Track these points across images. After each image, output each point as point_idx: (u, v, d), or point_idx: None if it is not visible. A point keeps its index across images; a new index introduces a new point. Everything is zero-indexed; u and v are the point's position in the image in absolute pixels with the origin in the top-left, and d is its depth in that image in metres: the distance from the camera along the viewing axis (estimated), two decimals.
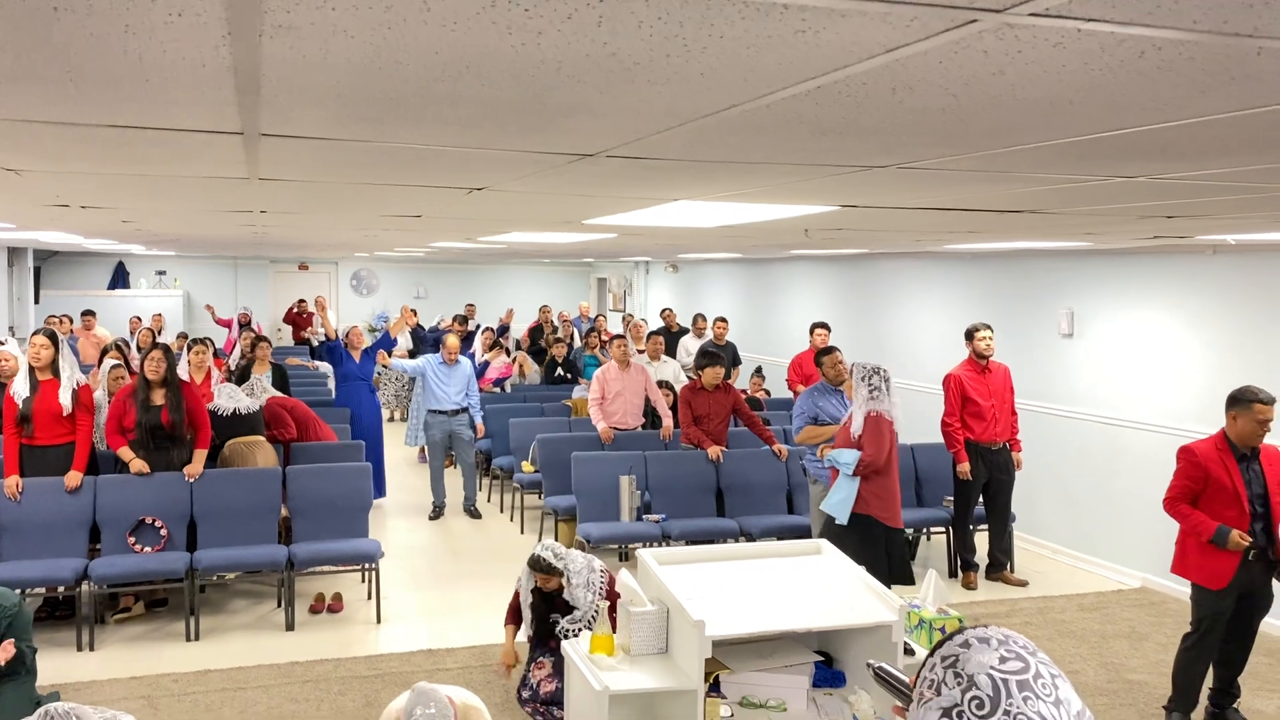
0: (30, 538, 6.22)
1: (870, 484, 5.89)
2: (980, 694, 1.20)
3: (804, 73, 1.47)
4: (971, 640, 1.27)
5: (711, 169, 2.75)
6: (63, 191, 4.03)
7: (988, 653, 1.24)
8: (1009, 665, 1.22)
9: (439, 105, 1.80)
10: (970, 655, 1.24)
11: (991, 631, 1.28)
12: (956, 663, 1.25)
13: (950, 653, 1.27)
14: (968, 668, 1.23)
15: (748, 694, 3.64)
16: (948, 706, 1.22)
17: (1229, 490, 4.81)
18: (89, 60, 1.44)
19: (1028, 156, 2.34)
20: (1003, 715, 1.19)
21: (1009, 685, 1.20)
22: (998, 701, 1.20)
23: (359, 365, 9.68)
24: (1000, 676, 1.21)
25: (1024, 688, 1.20)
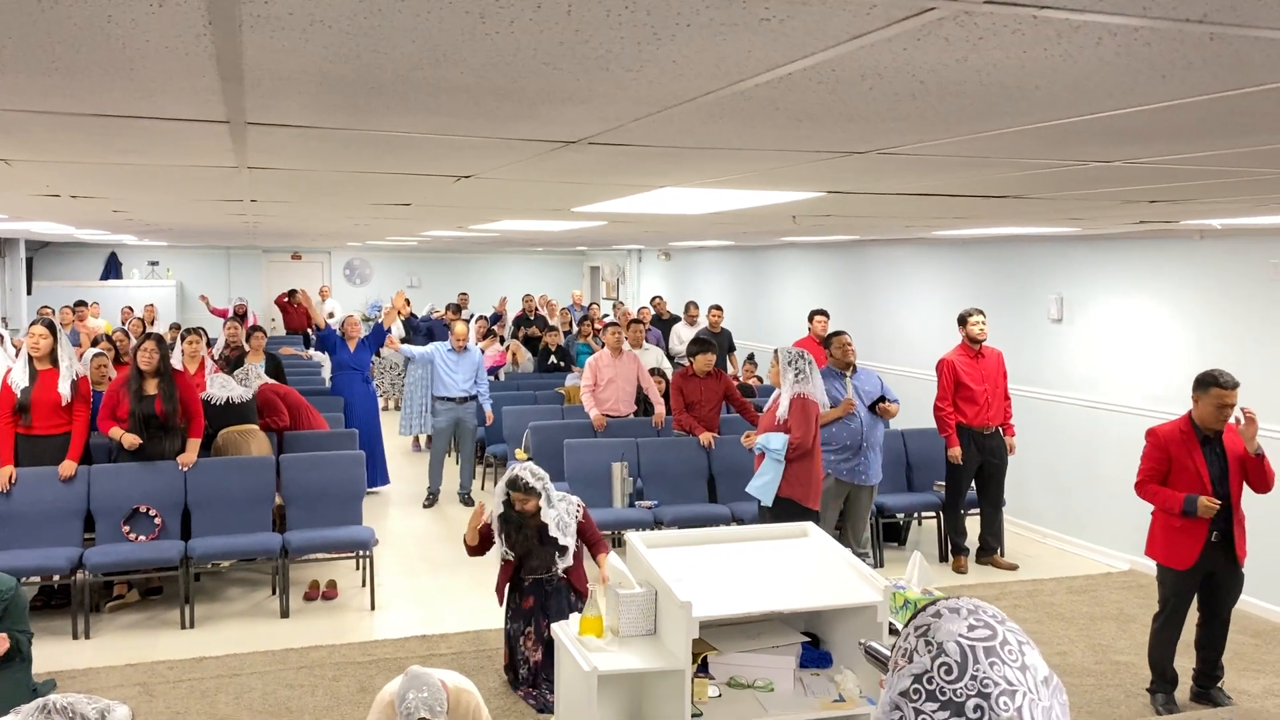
0: (26, 527, 6.25)
1: (794, 467, 6.02)
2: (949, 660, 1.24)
3: (773, 60, 1.50)
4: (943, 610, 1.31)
5: (694, 155, 2.78)
6: (52, 181, 4.05)
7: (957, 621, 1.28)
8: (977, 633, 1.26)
9: (419, 93, 1.83)
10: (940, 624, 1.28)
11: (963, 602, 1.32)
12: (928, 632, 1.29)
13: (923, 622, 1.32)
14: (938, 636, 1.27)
15: (735, 674, 3.69)
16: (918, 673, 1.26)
17: (1190, 471, 4.89)
18: (74, 51, 1.47)
19: (1003, 141, 2.37)
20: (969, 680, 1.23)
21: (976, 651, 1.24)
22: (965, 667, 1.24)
23: (353, 355, 9.69)
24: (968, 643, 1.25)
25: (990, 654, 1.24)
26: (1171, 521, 4.99)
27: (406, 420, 11.53)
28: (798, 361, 6.09)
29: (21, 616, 4.94)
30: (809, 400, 6.03)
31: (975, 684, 1.22)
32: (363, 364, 9.79)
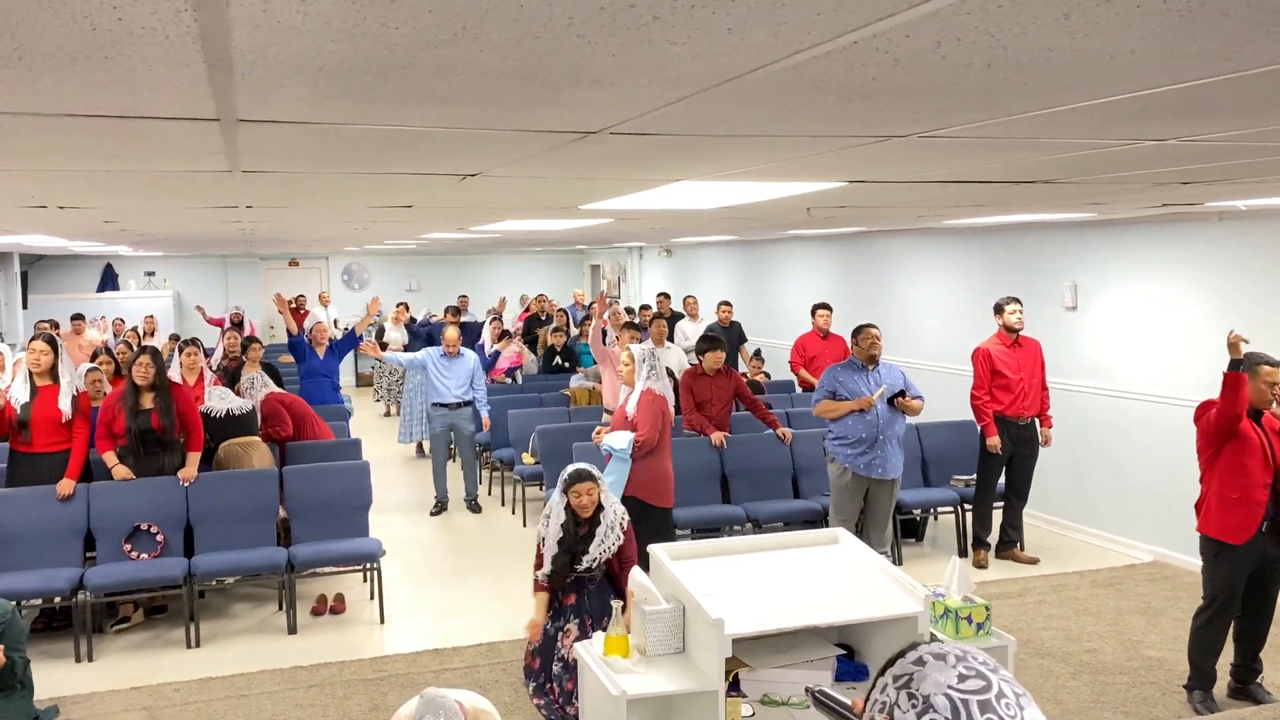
0: (24, 548, 6.09)
1: (639, 466, 5.86)
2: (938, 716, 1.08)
3: (844, 25, 1.32)
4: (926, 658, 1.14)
5: (719, 145, 2.60)
6: (38, 191, 3.87)
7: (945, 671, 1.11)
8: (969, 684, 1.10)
9: (430, 78, 1.64)
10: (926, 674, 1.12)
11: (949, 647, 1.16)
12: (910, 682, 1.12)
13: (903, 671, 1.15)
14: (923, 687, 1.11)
15: (769, 691, 3.52)
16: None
17: (1254, 441, 4.80)
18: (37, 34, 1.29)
19: (1062, 119, 2.20)
20: None
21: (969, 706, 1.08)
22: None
23: (322, 361, 9.58)
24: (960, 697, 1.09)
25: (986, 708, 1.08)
26: (1228, 493, 4.85)
27: (406, 427, 11.36)
28: (650, 358, 6.01)
29: (19, 641, 4.78)
30: (658, 396, 5.90)
31: None
32: (331, 370, 9.68)
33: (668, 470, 6.00)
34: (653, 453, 5.89)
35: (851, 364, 6.74)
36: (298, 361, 9.75)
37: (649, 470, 5.90)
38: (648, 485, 5.91)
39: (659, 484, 5.97)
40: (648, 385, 5.93)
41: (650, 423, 5.83)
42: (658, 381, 5.94)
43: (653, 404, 5.87)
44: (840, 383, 6.64)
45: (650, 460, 5.90)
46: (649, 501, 5.91)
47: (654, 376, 5.94)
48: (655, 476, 5.94)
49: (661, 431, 5.89)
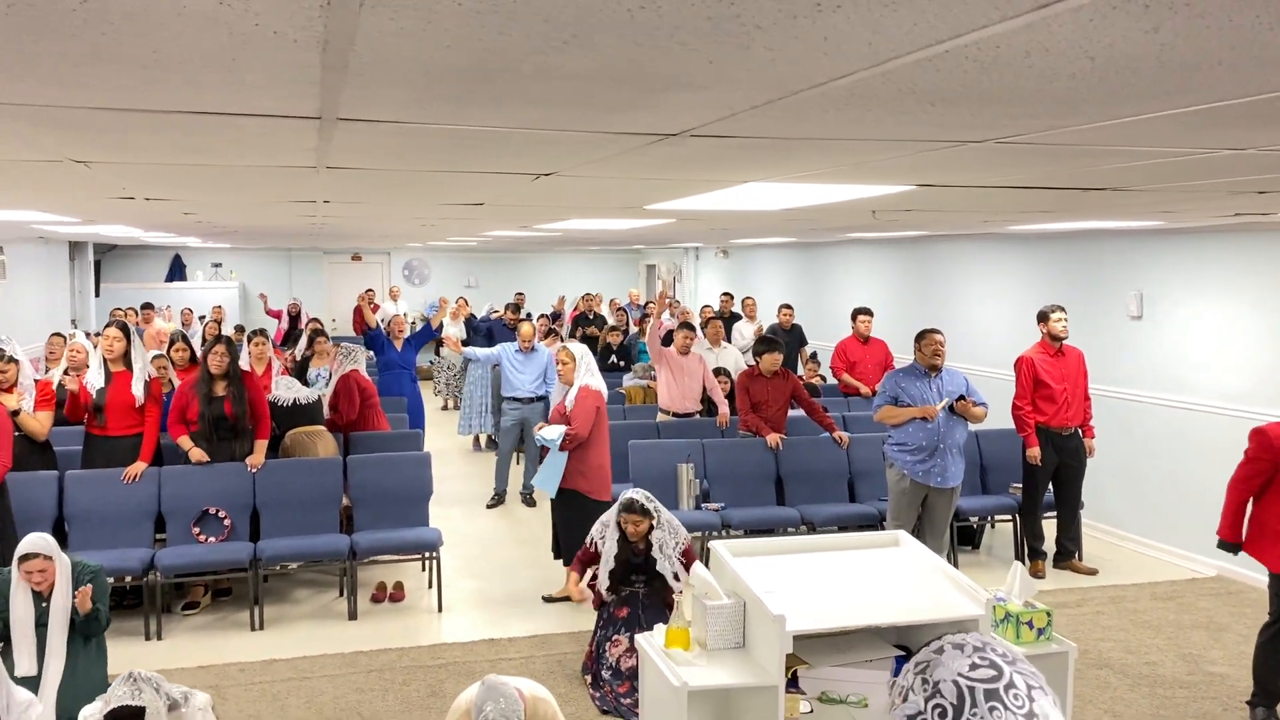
0: (99, 528, 6.29)
1: (574, 458, 6.15)
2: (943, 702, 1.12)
3: (937, 35, 1.36)
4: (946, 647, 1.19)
5: (794, 147, 2.64)
6: (129, 183, 4.02)
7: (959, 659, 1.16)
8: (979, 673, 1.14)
9: (530, 82, 1.71)
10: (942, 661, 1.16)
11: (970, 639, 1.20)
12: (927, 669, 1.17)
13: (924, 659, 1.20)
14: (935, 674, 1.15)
15: (827, 689, 3.55)
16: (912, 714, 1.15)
17: None
18: (178, 39, 1.38)
19: (1139, 127, 2.21)
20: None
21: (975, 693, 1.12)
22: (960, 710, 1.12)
23: (400, 354, 9.73)
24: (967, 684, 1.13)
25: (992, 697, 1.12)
26: (1266, 523, 4.77)
27: (465, 420, 11.53)
28: (586, 357, 6.29)
29: (103, 596, 5.00)
30: (593, 393, 6.17)
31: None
32: (409, 363, 9.81)
33: (604, 463, 6.28)
34: (589, 446, 6.17)
35: (914, 369, 6.67)
36: (376, 354, 9.94)
37: (584, 463, 6.19)
38: (584, 477, 6.20)
39: (595, 476, 6.24)
40: (584, 383, 6.21)
41: (583, 417, 6.10)
42: (593, 378, 6.25)
43: (587, 399, 6.15)
44: (903, 388, 6.57)
45: (586, 453, 6.18)
46: (587, 494, 6.21)
47: (590, 374, 6.25)
48: (591, 469, 6.21)
49: (596, 426, 6.17)
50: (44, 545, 4.69)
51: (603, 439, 6.27)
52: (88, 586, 4.79)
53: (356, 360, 7.95)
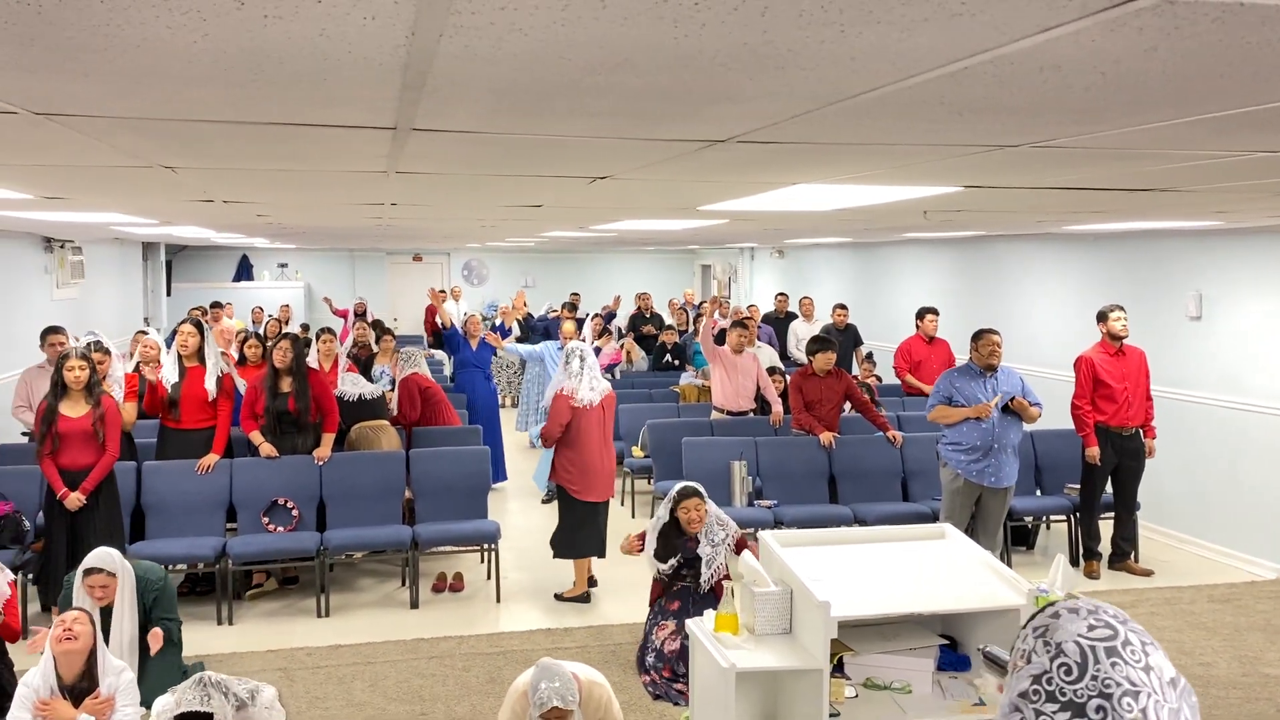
0: (173, 517, 6.57)
1: (562, 457, 6.48)
2: (1068, 660, 1.23)
3: (953, 54, 1.49)
4: (1061, 611, 1.29)
5: (838, 151, 2.77)
6: (210, 187, 4.27)
7: (1076, 621, 1.26)
8: (1097, 633, 1.24)
9: (587, 97, 1.87)
10: (1060, 624, 1.27)
11: (1082, 603, 1.31)
12: (1046, 632, 1.27)
13: (1041, 623, 1.30)
14: (1056, 636, 1.26)
15: (872, 675, 3.66)
16: (1037, 674, 1.25)
17: None
18: (278, 62, 1.55)
19: (1169, 132, 2.30)
20: (1090, 680, 1.21)
21: (1096, 651, 1.22)
22: (1085, 667, 1.22)
23: (475, 353, 9.93)
24: (1088, 643, 1.23)
25: (1112, 654, 1.22)
26: None
27: (523, 416, 11.74)
28: (570, 359, 6.48)
29: (171, 605, 5.19)
30: (563, 395, 6.38)
31: (1096, 684, 1.21)
32: (484, 361, 10.01)
33: (586, 463, 6.46)
34: (569, 446, 6.44)
35: (969, 369, 6.69)
36: (451, 353, 10.16)
37: (565, 460, 6.48)
38: (568, 475, 6.48)
39: (578, 476, 6.47)
40: (560, 385, 6.47)
41: (552, 418, 6.45)
42: (572, 381, 6.42)
43: (557, 401, 6.43)
44: (957, 388, 6.60)
45: (567, 452, 6.47)
46: (570, 491, 6.51)
47: (569, 376, 6.44)
48: (573, 467, 6.47)
49: (575, 427, 6.40)
50: (108, 562, 4.84)
51: (584, 440, 6.43)
52: (158, 631, 4.95)
53: (417, 364, 8.20)
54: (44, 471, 5.83)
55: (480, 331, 10.06)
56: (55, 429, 5.76)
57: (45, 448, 5.79)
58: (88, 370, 5.84)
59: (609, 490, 6.65)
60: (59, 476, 5.78)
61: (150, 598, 5.10)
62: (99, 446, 5.84)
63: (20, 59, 1.51)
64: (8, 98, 1.92)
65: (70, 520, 5.84)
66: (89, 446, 5.82)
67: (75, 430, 5.79)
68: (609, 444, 6.65)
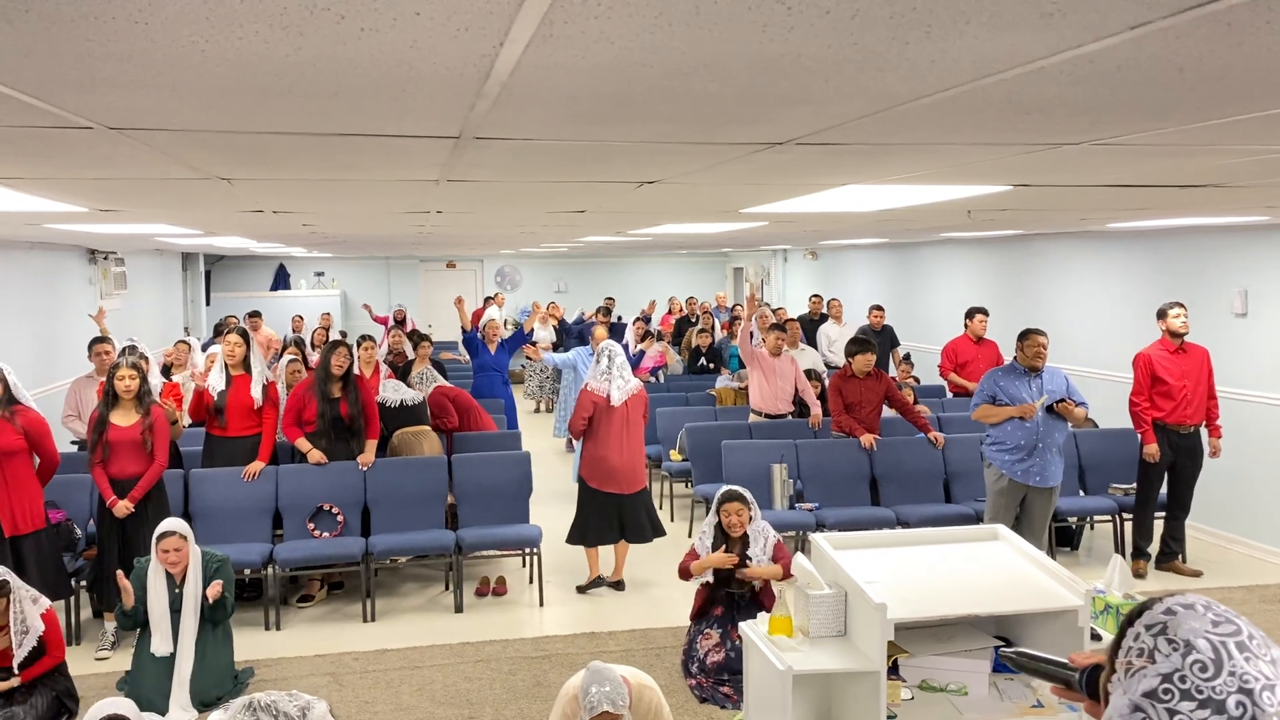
0: (220, 523, 6.64)
1: (585, 450, 6.91)
2: (1201, 657, 1.21)
3: (1034, 54, 1.49)
4: (1175, 608, 1.27)
5: (894, 152, 2.76)
6: (263, 198, 4.32)
7: (1197, 618, 1.24)
8: (1223, 628, 1.23)
9: (659, 103, 1.88)
10: (1180, 621, 1.25)
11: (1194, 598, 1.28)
12: (1166, 630, 1.25)
13: (1155, 621, 1.27)
14: (1180, 633, 1.23)
15: (927, 678, 3.64)
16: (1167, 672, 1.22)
17: None
18: (363, 74, 1.58)
19: (1236, 128, 2.28)
20: (1228, 676, 1.19)
21: (1228, 646, 1.21)
22: (1220, 663, 1.20)
23: (494, 357, 10.01)
24: (1218, 639, 1.21)
25: (1243, 649, 1.21)
26: None
27: (561, 422, 11.78)
28: (600, 357, 6.88)
29: (230, 582, 5.40)
30: (588, 393, 6.80)
31: (1235, 680, 1.19)
32: (502, 365, 10.08)
33: (603, 457, 6.83)
34: (589, 440, 6.86)
35: (1013, 368, 6.64)
36: (471, 356, 10.25)
37: (587, 453, 6.91)
38: (587, 467, 6.91)
39: (592, 467, 6.88)
40: (587, 382, 6.91)
41: (576, 411, 6.89)
42: (599, 381, 6.82)
43: (582, 395, 6.87)
44: (1001, 387, 6.56)
45: (589, 446, 6.88)
46: (589, 482, 6.90)
47: (596, 377, 6.84)
48: (592, 460, 6.87)
49: (596, 421, 6.79)
50: (180, 526, 5.23)
51: (604, 436, 6.79)
52: (217, 582, 5.23)
53: (433, 379, 8.34)
54: (95, 480, 5.93)
55: (500, 335, 10.14)
56: (106, 438, 5.87)
57: (96, 456, 5.90)
58: (138, 380, 5.95)
59: (631, 485, 6.88)
60: (109, 485, 5.88)
61: (213, 568, 5.35)
62: (147, 455, 5.94)
63: (117, 75, 1.55)
64: (88, 113, 1.96)
65: (121, 528, 5.94)
66: (138, 455, 5.93)
67: (125, 439, 5.89)
68: (634, 441, 6.90)
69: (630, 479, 6.86)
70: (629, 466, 6.85)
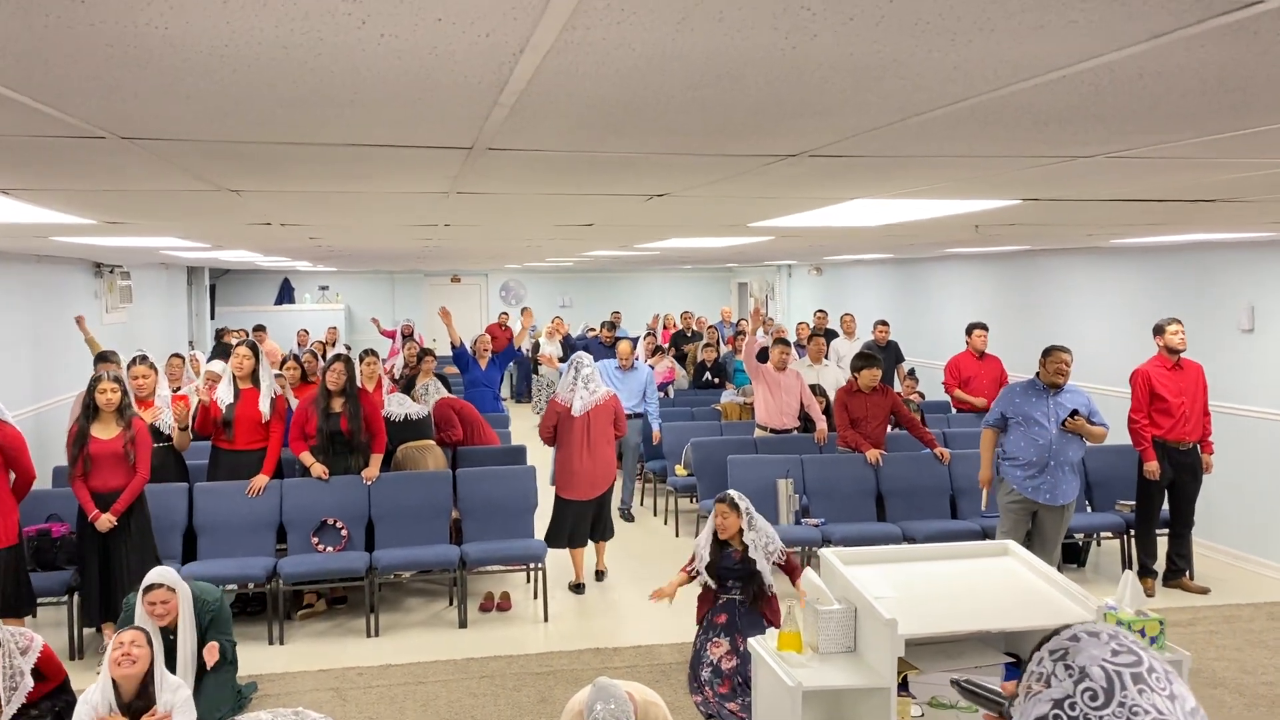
0: (225, 537, 6.62)
1: (555, 457, 7.31)
2: (1094, 685, 1.20)
3: (1056, 62, 1.48)
4: (1081, 635, 1.27)
5: (906, 164, 2.76)
6: (272, 210, 4.32)
7: (1099, 646, 1.24)
8: (1121, 658, 1.22)
9: (675, 113, 1.87)
10: (1081, 648, 1.24)
11: (1101, 627, 1.28)
12: (1066, 655, 1.25)
13: (1059, 646, 1.27)
14: (1078, 660, 1.23)
15: (937, 695, 3.61)
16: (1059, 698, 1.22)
17: None
18: (380, 82, 1.57)
19: (1252, 140, 2.27)
20: (1117, 706, 1.18)
21: (1123, 677, 1.20)
22: (1112, 693, 1.19)
23: (485, 372, 10.00)
24: (1113, 668, 1.21)
25: (1138, 680, 1.20)
26: None
27: None
28: (570, 368, 7.26)
29: (226, 625, 5.25)
30: (554, 400, 7.22)
31: (1124, 711, 1.18)
32: (493, 381, 10.07)
33: (567, 464, 7.19)
34: (560, 448, 7.21)
35: (1033, 385, 6.57)
36: (461, 372, 10.23)
37: (556, 461, 7.31)
38: (556, 473, 7.30)
39: (560, 474, 7.25)
40: (556, 391, 7.27)
41: (542, 421, 7.33)
42: (565, 392, 7.19)
43: (549, 406, 7.28)
44: (1016, 405, 6.52)
45: (556, 453, 7.29)
46: (556, 488, 7.27)
47: (564, 386, 7.22)
48: (558, 466, 7.27)
49: (558, 428, 7.18)
50: (167, 578, 4.94)
51: (565, 443, 7.18)
52: (214, 644, 5.03)
53: (437, 391, 8.33)
54: (75, 493, 5.84)
55: (489, 351, 10.13)
56: (86, 451, 5.80)
57: (77, 470, 5.81)
58: (119, 392, 5.89)
59: (591, 491, 7.20)
60: (90, 498, 5.82)
61: (206, 618, 5.16)
62: (130, 468, 5.88)
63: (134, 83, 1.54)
64: (101, 122, 1.96)
65: (103, 542, 5.88)
66: (120, 468, 5.85)
67: (106, 452, 5.82)
68: (596, 449, 7.19)
69: (591, 485, 7.19)
70: (589, 473, 7.17)
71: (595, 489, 7.23)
